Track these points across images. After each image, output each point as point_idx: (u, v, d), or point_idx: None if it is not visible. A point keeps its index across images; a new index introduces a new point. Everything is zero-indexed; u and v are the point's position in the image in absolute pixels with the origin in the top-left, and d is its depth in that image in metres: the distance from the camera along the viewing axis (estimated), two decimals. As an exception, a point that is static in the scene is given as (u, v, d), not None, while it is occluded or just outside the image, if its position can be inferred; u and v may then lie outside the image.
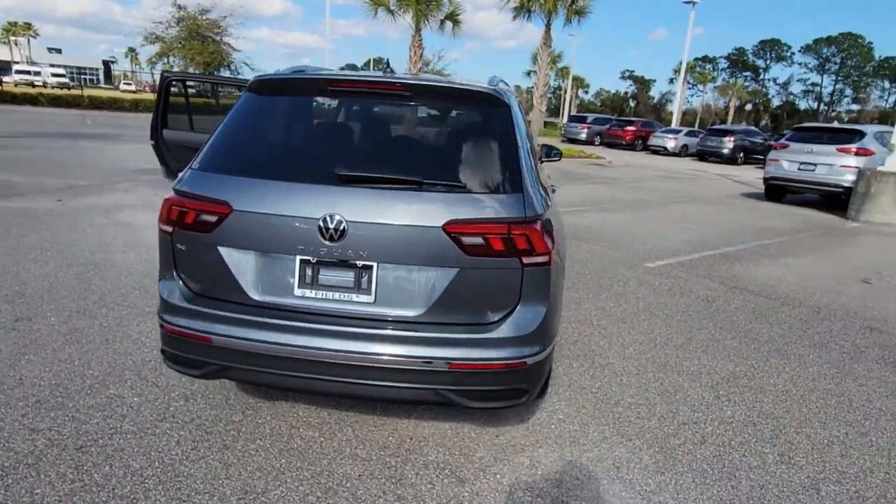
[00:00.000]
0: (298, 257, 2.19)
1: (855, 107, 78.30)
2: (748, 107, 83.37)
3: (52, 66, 61.03)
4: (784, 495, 2.43)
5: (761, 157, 24.63)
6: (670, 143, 28.04)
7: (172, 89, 4.06)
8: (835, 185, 10.64)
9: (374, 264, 2.15)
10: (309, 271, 2.20)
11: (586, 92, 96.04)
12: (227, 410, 2.78)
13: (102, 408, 2.72)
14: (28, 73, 51.17)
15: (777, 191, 12.06)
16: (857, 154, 10.40)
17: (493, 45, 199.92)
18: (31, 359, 3.15)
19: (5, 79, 38.49)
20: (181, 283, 2.34)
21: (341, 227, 2.09)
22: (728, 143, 24.89)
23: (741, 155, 25.27)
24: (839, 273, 6.31)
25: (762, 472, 2.58)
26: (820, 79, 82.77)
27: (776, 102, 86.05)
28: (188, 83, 4.02)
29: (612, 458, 2.62)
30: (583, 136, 31.32)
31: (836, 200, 10.99)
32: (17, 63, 62.96)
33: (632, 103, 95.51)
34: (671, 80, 76.27)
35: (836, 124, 14.89)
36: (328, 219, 2.10)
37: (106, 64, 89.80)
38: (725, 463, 2.63)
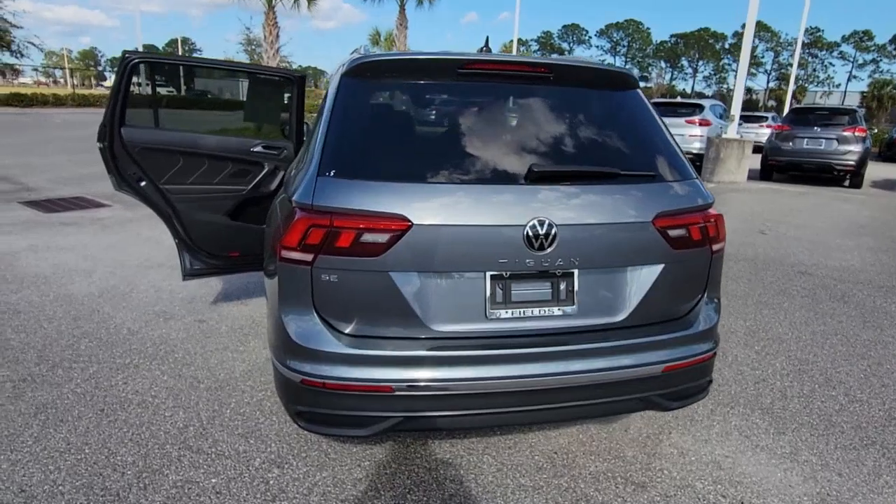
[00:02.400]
0: (489, 273, 1.84)
1: (643, 84, 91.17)
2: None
3: None
4: (878, 430, 2.73)
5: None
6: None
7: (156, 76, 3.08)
8: (686, 153, 12.23)
9: (575, 270, 1.90)
10: (500, 288, 1.86)
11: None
12: (338, 468, 2.28)
13: (180, 502, 2.05)
14: None
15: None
16: (700, 124, 12.13)
17: (310, 25, 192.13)
18: (12, 458, 2.25)
19: None
20: (325, 323, 1.82)
21: (552, 233, 1.80)
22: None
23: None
24: (738, 227, 7.30)
25: (848, 413, 2.87)
26: (613, 60, 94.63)
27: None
28: (158, 66, 3.08)
29: (735, 428, 2.71)
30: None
31: (684, 165, 12.70)
32: None
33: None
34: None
35: (679, 99, 17.16)
36: (537, 225, 1.78)
37: None
38: (817, 412, 2.87)
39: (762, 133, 19.59)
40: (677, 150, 2.15)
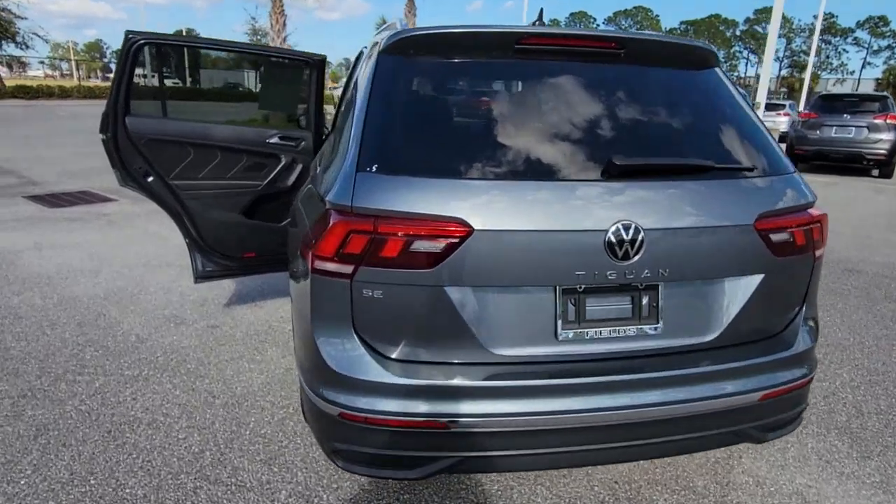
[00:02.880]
0: (559, 287, 1.55)
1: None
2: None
3: None
4: (975, 454, 2.43)
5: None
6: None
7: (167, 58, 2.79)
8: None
9: (660, 283, 1.60)
10: (572, 305, 1.57)
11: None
12: (375, 503, 2.01)
13: (198, 547, 1.79)
14: None
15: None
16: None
17: (314, 15, 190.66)
18: (9, 491, 1.99)
19: None
20: (368, 347, 1.54)
21: (639, 239, 1.50)
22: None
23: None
24: (771, 221, 6.96)
25: (936, 433, 2.57)
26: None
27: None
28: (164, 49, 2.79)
29: (813, 452, 2.42)
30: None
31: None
32: None
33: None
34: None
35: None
36: (621, 229, 1.49)
37: None
38: (901, 432, 2.58)
39: (780, 121, 19.14)
40: (770, 139, 1.85)
